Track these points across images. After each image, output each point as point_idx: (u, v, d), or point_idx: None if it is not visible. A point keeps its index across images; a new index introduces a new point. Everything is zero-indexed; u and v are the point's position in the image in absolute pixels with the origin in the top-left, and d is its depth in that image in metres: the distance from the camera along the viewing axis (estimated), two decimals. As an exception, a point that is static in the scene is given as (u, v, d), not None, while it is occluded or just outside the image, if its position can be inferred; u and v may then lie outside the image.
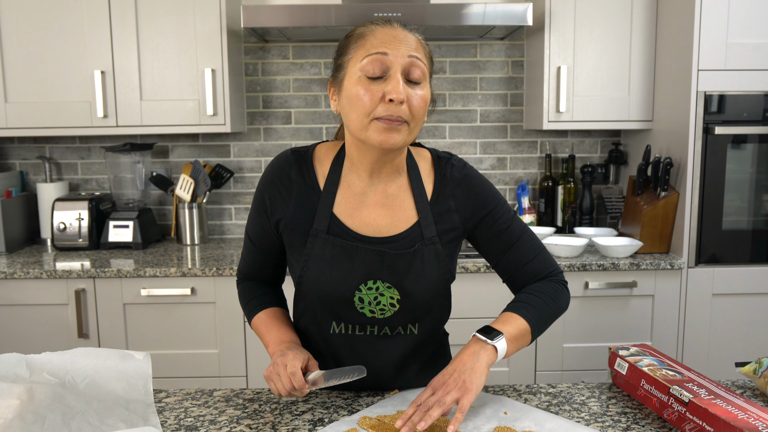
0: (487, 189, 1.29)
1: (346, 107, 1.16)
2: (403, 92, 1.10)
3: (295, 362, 1.14)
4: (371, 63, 1.11)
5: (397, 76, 1.11)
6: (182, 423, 1.16)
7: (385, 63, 1.11)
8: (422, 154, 1.31)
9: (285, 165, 1.27)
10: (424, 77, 1.14)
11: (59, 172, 3.03)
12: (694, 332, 2.47)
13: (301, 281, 1.25)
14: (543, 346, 2.48)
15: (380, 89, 1.11)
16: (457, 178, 1.28)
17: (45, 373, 1.14)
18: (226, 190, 3.04)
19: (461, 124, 3.02)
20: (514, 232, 1.29)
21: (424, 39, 1.19)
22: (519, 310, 1.23)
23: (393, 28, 1.15)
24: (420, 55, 1.14)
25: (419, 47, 1.15)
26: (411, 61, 1.12)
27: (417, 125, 1.15)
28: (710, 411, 1.02)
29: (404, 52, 1.12)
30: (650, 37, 2.63)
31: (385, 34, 1.13)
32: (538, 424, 1.12)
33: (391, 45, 1.12)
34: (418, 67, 1.13)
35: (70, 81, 2.60)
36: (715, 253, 2.45)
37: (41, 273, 2.37)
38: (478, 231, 1.29)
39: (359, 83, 1.12)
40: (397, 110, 1.10)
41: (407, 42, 1.13)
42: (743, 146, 2.42)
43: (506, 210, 1.30)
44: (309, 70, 2.97)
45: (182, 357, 2.45)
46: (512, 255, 1.29)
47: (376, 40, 1.13)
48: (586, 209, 2.95)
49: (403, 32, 1.15)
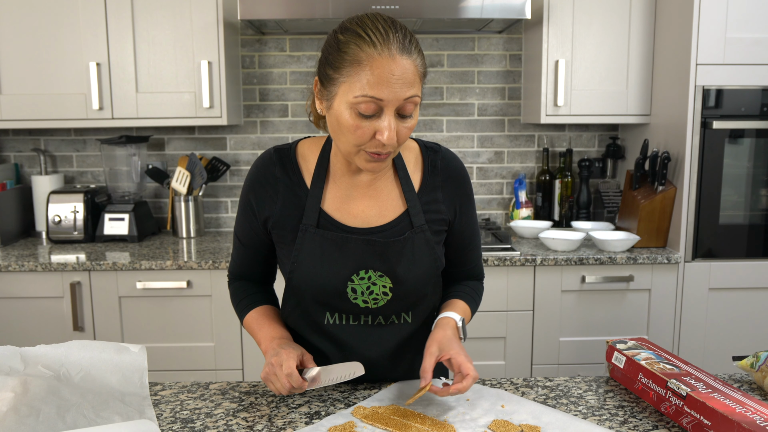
0: (470, 188, 1.34)
1: (334, 126, 1.14)
2: (394, 135, 1.09)
3: (289, 362, 1.13)
4: (365, 105, 1.07)
5: (390, 118, 1.08)
6: (178, 416, 1.16)
7: (379, 105, 1.08)
8: (407, 145, 1.32)
9: (269, 164, 1.27)
10: (415, 107, 1.12)
11: (54, 164, 3.01)
12: (691, 326, 2.48)
13: (293, 276, 1.25)
14: (539, 340, 2.48)
15: (372, 127, 1.09)
16: (448, 171, 1.30)
17: (40, 366, 1.14)
18: (222, 183, 3.03)
19: (458, 117, 3.01)
20: (475, 235, 1.37)
21: (421, 55, 1.13)
22: (471, 304, 1.37)
23: (391, 58, 1.06)
24: (416, 88, 1.10)
25: (415, 76, 1.10)
26: (405, 102, 1.09)
27: (401, 145, 1.17)
28: (708, 405, 1.02)
29: (400, 94, 1.07)
30: (649, 31, 2.63)
31: (382, 69, 1.06)
32: (535, 417, 1.12)
33: (387, 88, 1.06)
34: (412, 102, 1.10)
35: (66, 73, 2.58)
36: (711, 248, 2.45)
37: (36, 266, 2.36)
38: (451, 226, 1.32)
39: (351, 117, 1.09)
40: (386, 148, 1.12)
41: (404, 78, 1.07)
42: (741, 141, 2.41)
43: (475, 213, 1.38)
44: (306, 62, 2.96)
45: (178, 350, 2.44)
46: (465, 256, 1.38)
47: (373, 77, 1.06)
48: (584, 203, 2.95)
49: (402, 63, 1.07)
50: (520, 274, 2.44)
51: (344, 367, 1.16)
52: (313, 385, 1.15)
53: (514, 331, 2.47)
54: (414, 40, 1.12)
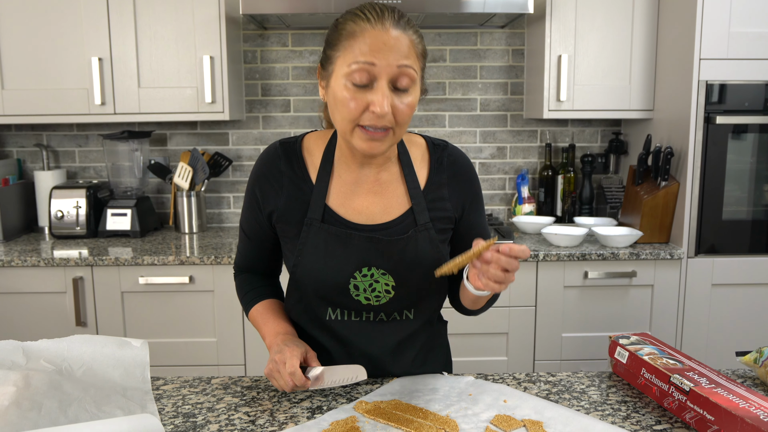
0: (478, 186, 1.32)
1: (332, 106, 1.14)
2: (388, 105, 1.08)
3: (292, 360, 1.13)
4: (358, 72, 1.07)
5: (383, 87, 1.08)
6: (180, 410, 1.16)
7: (372, 73, 1.07)
8: (414, 141, 1.31)
9: (274, 157, 1.27)
10: (412, 83, 1.10)
11: (57, 159, 3.01)
12: (694, 322, 2.47)
13: (296, 270, 1.25)
14: (542, 336, 2.48)
15: (365, 98, 1.08)
16: (455, 168, 1.29)
17: (42, 360, 1.13)
18: (224, 178, 3.03)
19: (461, 112, 3.01)
20: (484, 236, 1.33)
21: (418, 34, 1.13)
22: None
23: (384, 30, 1.08)
24: (411, 60, 1.09)
25: (411, 50, 1.10)
26: (400, 71, 1.08)
27: (403, 128, 1.14)
28: (711, 400, 1.02)
29: (393, 61, 1.07)
30: (652, 26, 2.62)
31: (375, 38, 1.07)
32: (538, 412, 1.12)
33: (379, 54, 1.07)
34: (407, 75, 1.09)
35: (68, 68, 2.58)
36: (714, 244, 2.45)
37: (39, 261, 2.36)
38: (458, 224, 1.31)
39: (345, 89, 1.09)
40: (381, 121, 1.09)
41: (398, 48, 1.08)
42: (744, 136, 2.40)
43: (484, 212, 1.35)
44: (308, 57, 2.95)
45: (180, 345, 2.44)
46: None
47: (365, 45, 1.07)
48: (586, 199, 2.94)
49: (395, 34, 1.08)
50: (523, 269, 2.43)
51: (347, 369, 1.16)
52: (316, 384, 1.15)
53: (517, 327, 2.47)
54: (411, 22, 1.13)
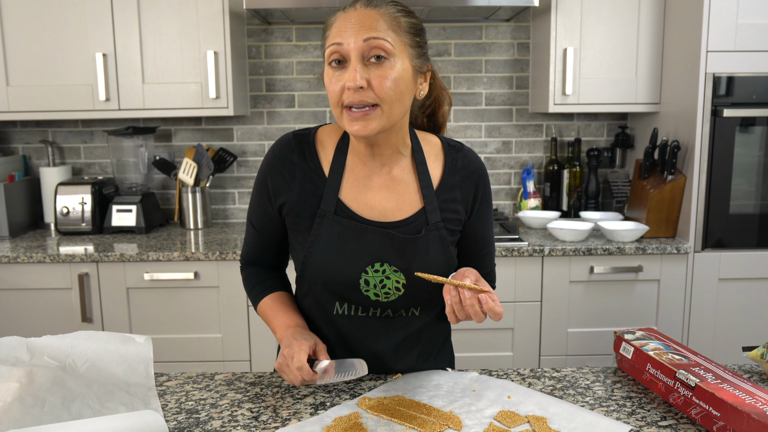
0: (489, 191, 1.32)
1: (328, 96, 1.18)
2: (359, 77, 1.09)
3: (300, 354, 1.12)
4: (331, 54, 1.12)
5: (354, 62, 1.10)
6: (183, 406, 1.15)
7: (342, 52, 1.11)
8: (429, 139, 1.31)
9: (287, 149, 1.26)
10: (389, 54, 1.10)
11: (62, 156, 3.02)
12: (700, 317, 2.46)
13: (306, 263, 1.24)
14: (547, 331, 2.47)
15: (342, 77, 1.12)
16: (469, 171, 1.28)
17: (45, 357, 1.13)
18: (229, 174, 3.03)
19: (466, 107, 2.99)
20: (489, 242, 1.35)
21: (399, 8, 1.15)
22: None
23: (353, 10, 1.13)
24: (380, 32, 1.10)
25: (381, 23, 1.11)
26: (367, 44, 1.09)
27: (393, 106, 1.12)
28: (717, 395, 1.01)
29: (359, 37, 1.09)
30: (658, 18, 2.59)
31: (342, 21, 1.13)
32: (542, 408, 1.11)
33: (345, 33, 1.11)
34: (378, 47, 1.10)
35: (72, 64, 2.58)
36: (721, 238, 2.43)
37: (44, 257, 2.37)
38: (464, 226, 1.30)
39: (327, 74, 1.15)
40: (360, 96, 1.10)
41: (364, 23, 1.10)
42: (752, 129, 2.38)
43: (492, 218, 1.35)
44: (312, 52, 2.94)
45: (186, 341, 2.45)
46: (478, 262, 1.34)
47: (335, 29, 1.13)
48: (592, 193, 2.93)
49: (364, 13, 1.12)
50: (528, 264, 2.42)
51: (354, 362, 1.17)
52: (324, 377, 1.14)
53: (522, 322, 2.46)
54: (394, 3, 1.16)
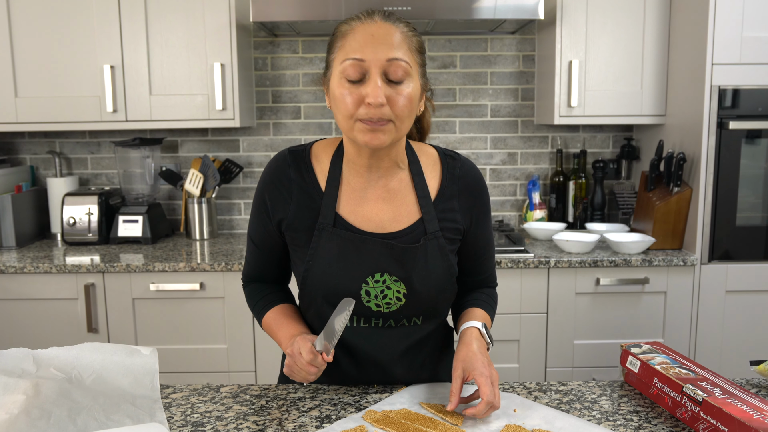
0: (487, 198, 1.33)
1: (333, 107, 1.18)
2: (382, 95, 1.10)
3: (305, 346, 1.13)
4: (350, 67, 1.11)
5: (375, 79, 1.10)
6: (189, 419, 1.15)
7: (363, 67, 1.10)
8: (425, 150, 1.31)
9: (283, 165, 1.27)
10: (407, 75, 1.12)
11: (69, 166, 3.03)
12: (707, 330, 2.44)
13: (307, 276, 1.24)
14: (553, 343, 2.46)
15: (360, 92, 1.11)
16: (465, 180, 1.29)
17: (51, 368, 1.14)
18: (235, 185, 3.04)
19: (471, 119, 3.00)
20: (489, 245, 1.36)
21: (411, 28, 1.16)
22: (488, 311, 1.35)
23: (373, 23, 1.12)
24: (401, 53, 1.11)
25: (402, 43, 1.12)
26: (390, 64, 1.10)
27: (404, 122, 1.15)
28: (725, 410, 1.00)
29: (382, 55, 1.10)
30: (663, 31, 2.60)
31: (363, 33, 1.11)
32: (548, 422, 1.11)
33: (368, 48, 1.10)
34: (399, 68, 1.11)
35: (80, 76, 2.60)
36: (728, 250, 2.42)
37: (51, 267, 2.38)
38: (465, 235, 1.31)
39: (341, 85, 1.13)
40: (378, 112, 1.11)
41: (386, 41, 1.11)
42: (758, 141, 2.38)
43: (491, 223, 1.36)
44: (318, 64, 2.96)
45: (191, 352, 2.45)
46: (479, 265, 1.36)
47: (355, 42, 1.11)
48: (598, 205, 2.92)
49: (384, 28, 1.12)
50: (534, 276, 2.42)
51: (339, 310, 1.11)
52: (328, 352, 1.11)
53: (528, 334, 2.46)
54: (403, 20, 1.16)
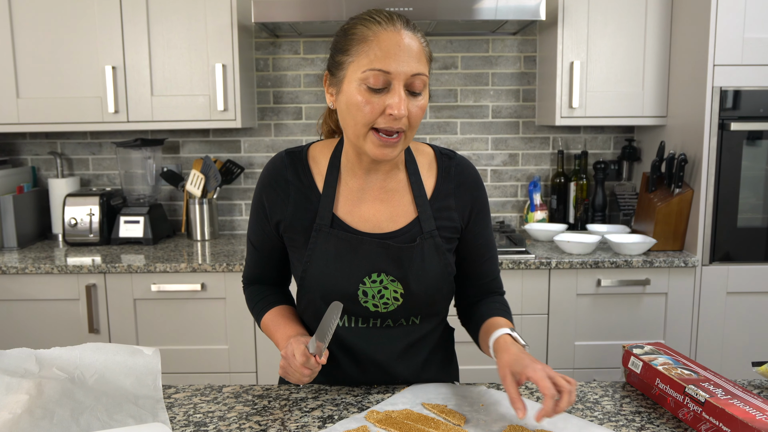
0: (485, 196, 1.32)
1: (344, 111, 1.15)
2: (405, 108, 1.10)
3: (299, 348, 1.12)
4: (374, 77, 1.09)
5: (399, 90, 1.10)
6: (191, 419, 1.15)
7: (387, 79, 1.10)
8: (422, 149, 1.32)
9: (280, 167, 1.27)
10: (424, 87, 1.14)
11: (70, 167, 3.04)
12: (709, 331, 2.44)
13: (305, 277, 1.25)
14: (554, 344, 2.46)
15: (382, 101, 1.10)
16: (462, 179, 1.29)
17: (54, 368, 1.14)
18: (236, 185, 3.04)
19: (473, 119, 3.00)
20: (490, 246, 1.34)
21: (425, 39, 1.16)
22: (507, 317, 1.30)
23: (396, 33, 1.10)
24: (422, 66, 1.12)
25: (422, 55, 1.13)
26: (414, 78, 1.11)
27: (413, 132, 1.16)
28: (727, 411, 1.00)
29: (408, 69, 1.10)
30: (665, 32, 2.60)
31: (388, 42, 1.10)
32: (551, 422, 1.11)
33: (394, 61, 1.09)
34: (421, 81, 1.12)
35: (82, 77, 2.60)
36: (729, 251, 2.42)
37: (52, 268, 2.38)
38: (463, 233, 1.30)
39: (360, 92, 1.11)
40: (397, 123, 1.11)
41: (411, 54, 1.10)
42: (759, 143, 2.38)
43: (490, 222, 1.35)
44: (320, 65, 2.96)
45: (192, 353, 2.45)
46: (482, 268, 1.34)
47: (380, 50, 1.09)
48: (599, 206, 2.92)
49: (407, 39, 1.11)
50: (535, 277, 2.42)
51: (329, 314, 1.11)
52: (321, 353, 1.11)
53: (529, 335, 2.46)
54: (418, 28, 1.16)
